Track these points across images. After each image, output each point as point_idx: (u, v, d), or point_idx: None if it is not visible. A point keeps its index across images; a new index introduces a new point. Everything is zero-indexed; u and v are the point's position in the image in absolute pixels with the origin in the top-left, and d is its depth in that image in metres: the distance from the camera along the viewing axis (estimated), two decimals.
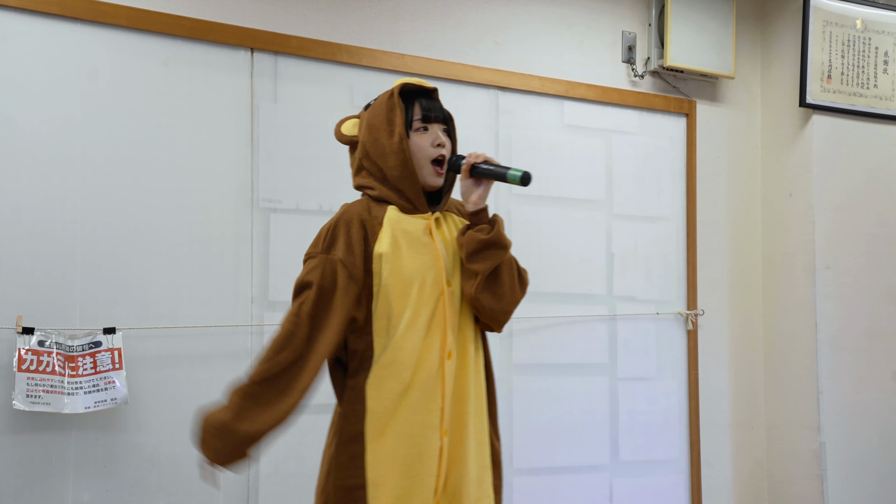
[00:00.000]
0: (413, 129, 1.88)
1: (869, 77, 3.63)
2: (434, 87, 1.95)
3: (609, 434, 3.36)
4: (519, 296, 1.91)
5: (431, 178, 1.89)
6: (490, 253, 1.83)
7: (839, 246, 3.56)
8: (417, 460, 1.78)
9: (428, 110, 1.89)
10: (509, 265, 1.89)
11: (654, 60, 3.48)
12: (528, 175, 1.81)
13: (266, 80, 2.86)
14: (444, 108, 1.93)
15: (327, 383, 2.94)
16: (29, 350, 2.43)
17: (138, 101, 2.68)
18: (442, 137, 1.89)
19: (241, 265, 2.78)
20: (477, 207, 1.86)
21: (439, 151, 1.88)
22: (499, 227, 1.85)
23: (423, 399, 1.80)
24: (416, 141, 1.87)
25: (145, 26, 2.68)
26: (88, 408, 2.46)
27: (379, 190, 1.89)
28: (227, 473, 2.71)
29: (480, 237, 1.82)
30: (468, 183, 1.86)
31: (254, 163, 2.83)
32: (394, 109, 1.87)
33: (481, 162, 1.84)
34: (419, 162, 1.87)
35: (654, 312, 3.48)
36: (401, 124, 1.85)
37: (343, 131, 1.94)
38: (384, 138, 1.86)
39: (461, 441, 1.84)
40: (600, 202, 3.41)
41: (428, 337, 1.81)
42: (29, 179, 2.53)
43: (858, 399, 3.54)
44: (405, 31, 3.10)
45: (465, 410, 1.85)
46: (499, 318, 1.89)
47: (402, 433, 1.79)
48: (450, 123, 1.94)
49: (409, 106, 1.89)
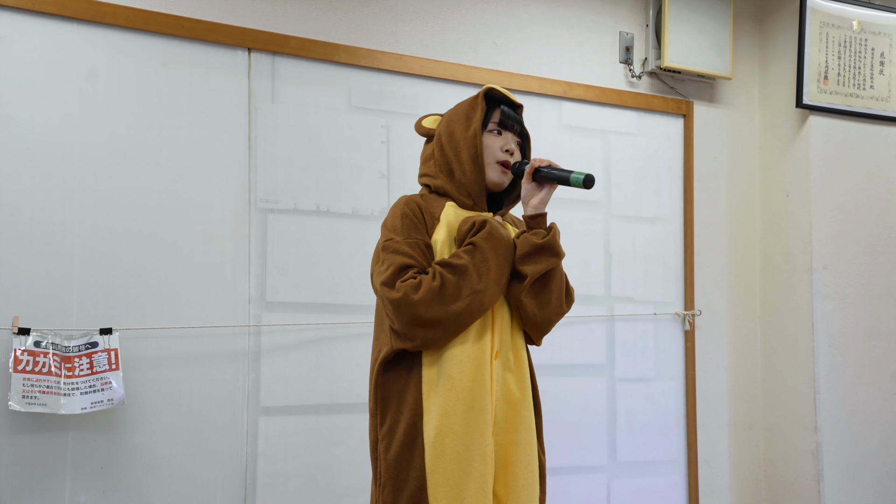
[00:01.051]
0: (488, 129, 1.92)
1: (865, 78, 3.64)
2: (521, 103, 1.99)
3: (607, 434, 3.36)
4: (564, 309, 1.92)
5: (496, 175, 1.91)
6: (541, 258, 1.84)
7: (837, 246, 3.56)
8: (468, 463, 1.77)
9: (506, 118, 1.94)
10: (559, 276, 1.90)
11: (652, 61, 3.48)
12: (591, 178, 1.81)
13: (264, 80, 2.85)
14: (524, 123, 1.98)
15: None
16: (25, 351, 2.42)
17: (136, 102, 2.67)
18: (513, 146, 1.93)
19: (238, 265, 2.78)
20: (536, 211, 1.87)
21: (507, 157, 1.92)
22: (554, 234, 1.86)
23: (472, 399, 1.78)
24: (488, 140, 1.91)
25: (144, 26, 2.67)
26: (85, 409, 2.45)
27: (442, 181, 1.91)
28: (224, 480, 2.70)
29: (535, 240, 1.84)
30: (530, 186, 1.88)
31: (251, 163, 2.82)
32: (475, 108, 1.92)
33: (545, 166, 1.86)
34: (486, 160, 1.90)
35: (653, 313, 3.48)
36: (478, 122, 1.90)
37: (424, 124, 2.00)
38: (460, 131, 1.90)
39: (512, 447, 1.84)
40: (599, 203, 3.41)
41: (476, 336, 1.82)
42: (26, 179, 2.52)
43: (856, 400, 3.54)
44: (404, 32, 3.10)
45: (518, 415, 1.85)
46: (540, 326, 1.90)
47: (456, 433, 1.77)
48: (526, 141, 1.99)
49: (490, 109, 1.93)
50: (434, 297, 1.74)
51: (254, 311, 2.79)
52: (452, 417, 1.77)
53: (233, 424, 2.73)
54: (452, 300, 1.75)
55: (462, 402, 1.78)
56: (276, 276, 2.82)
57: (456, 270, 1.76)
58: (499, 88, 1.96)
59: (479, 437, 1.78)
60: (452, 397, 1.77)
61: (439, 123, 1.98)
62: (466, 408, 1.78)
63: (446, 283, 1.75)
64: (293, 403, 2.82)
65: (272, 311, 2.81)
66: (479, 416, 1.78)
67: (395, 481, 1.78)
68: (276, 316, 2.82)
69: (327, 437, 2.85)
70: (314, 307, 2.86)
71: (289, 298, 2.83)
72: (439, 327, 1.76)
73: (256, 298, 2.79)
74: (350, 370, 2.88)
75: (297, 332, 2.84)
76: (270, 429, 2.78)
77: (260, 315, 2.79)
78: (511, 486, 1.82)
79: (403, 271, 1.78)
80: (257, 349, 2.78)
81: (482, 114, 1.91)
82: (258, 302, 2.80)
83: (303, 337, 2.85)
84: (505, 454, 1.83)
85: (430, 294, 1.74)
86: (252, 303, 2.79)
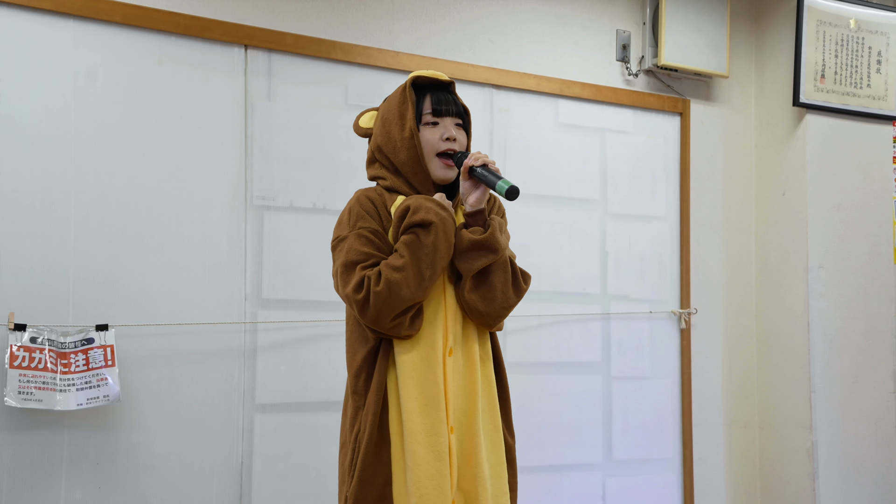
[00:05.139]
0: (423, 122, 1.88)
1: (862, 77, 3.64)
2: (449, 79, 1.93)
3: (602, 433, 3.37)
4: (512, 301, 1.88)
5: (440, 170, 1.88)
6: (478, 254, 1.81)
7: (833, 245, 3.57)
8: (424, 461, 1.77)
9: (439, 104, 1.88)
10: (502, 268, 1.85)
11: (649, 59, 3.48)
12: (514, 189, 1.76)
13: (260, 77, 2.85)
14: (458, 101, 1.92)
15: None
16: (21, 346, 2.42)
17: (132, 99, 2.67)
18: (452, 131, 1.88)
19: (234, 263, 2.78)
20: (474, 209, 1.84)
21: (448, 145, 1.87)
22: (492, 231, 1.82)
23: (426, 398, 1.79)
24: (426, 135, 1.87)
25: (140, 23, 2.67)
26: (81, 405, 2.45)
27: (391, 181, 1.90)
28: (220, 477, 2.71)
29: (471, 237, 1.81)
30: (467, 184, 1.85)
31: (248, 160, 2.82)
32: (405, 103, 1.87)
33: (479, 165, 1.82)
34: (427, 156, 1.87)
35: (648, 311, 3.48)
36: (412, 118, 1.85)
37: (360, 124, 1.97)
38: (396, 132, 1.87)
39: (472, 439, 1.83)
40: (595, 201, 3.41)
41: (429, 335, 1.81)
42: (22, 175, 2.52)
43: (851, 398, 3.55)
44: (401, 29, 3.10)
45: (474, 408, 1.83)
46: (488, 321, 1.87)
47: (412, 431, 1.77)
48: (465, 117, 1.93)
49: (421, 99, 1.88)
50: (384, 303, 1.75)
51: (249, 309, 2.79)
52: (408, 415, 1.77)
53: (228, 421, 2.74)
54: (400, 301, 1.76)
55: (416, 400, 1.78)
56: (271, 274, 2.82)
57: (398, 270, 1.76)
58: (424, 73, 1.90)
59: (434, 435, 1.77)
60: (408, 396, 1.78)
61: (374, 122, 1.94)
62: (421, 406, 1.78)
63: (391, 286, 1.75)
64: (289, 401, 2.82)
65: (268, 309, 2.81)
66: (434, 413, 1.78)
67: (362, 474, 1.79)
68: (271, 313, 2.82)
69: (323, 435, 2.85)
70: (310, 304, 2.87)
71: (285, 296, 2.84)
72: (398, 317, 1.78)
73: (252, 296, 2.80)
74: (345, 368, 2.88)
75: (292, 329, 2.84)
76: (266, 426, 2.79)
77: (256, 312, 2.80)
78: (478, 478, 1.81)
79: (349, 271, 1.79)
80: (253, 346, 2.79)
81: (413, 107, 1.86)
82: (254, 299, 2.80)
83: (299, 334, 2.85)
84: (467, 449, 1.82)
85: (379, 300, 1.75)
86: (248, 300, 2.79)
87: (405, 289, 1.74)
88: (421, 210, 1.78)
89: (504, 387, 1.94)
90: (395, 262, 1.76)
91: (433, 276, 1.78)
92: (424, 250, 1.76)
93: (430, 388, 1.79)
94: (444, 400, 1.80)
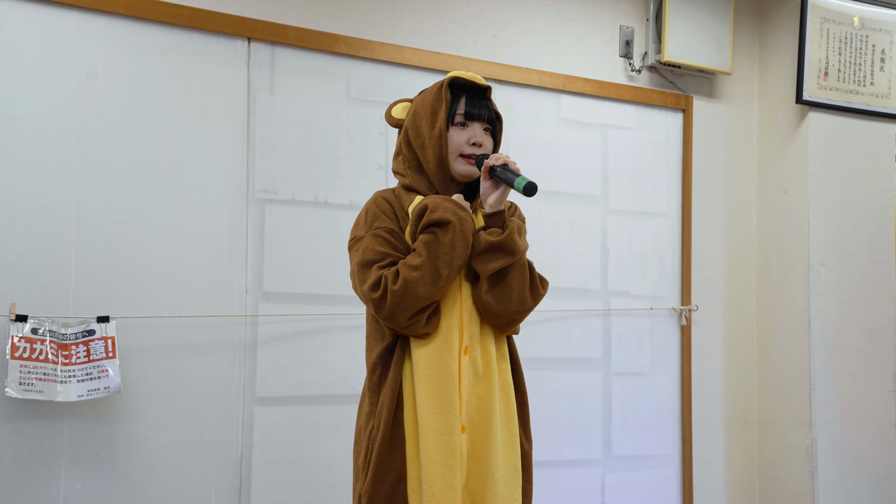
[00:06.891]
0: (454, 122, 1.88)
1: (866, 74, 3.64)
2: (487, 84, 1.93)
3: (602, 429, 3.37)
4: (528, 304, 1.88)
5: (463, 167, 1.88)
6: (495, 256, 1.81)
7: (834, 243, 3.56)
8: (437, 458, 1.77)
9: (472, 107, 1.89)
10: (520, 271, 1.85)
11: (652, 55, 3.48)
12: (532, 186, 1.77)
13: (263, 70, 2.85)
14: (492, 107, 1.92)
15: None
16: (22, 338, 2.42)
17: (134, 91, 2.67)
18: (480, 137, 1.89)
19: (236, 256, 2.78)
20: (493, 209, 1.85)
21: (473, 150, 1.88)
22: (510, 232, 1.82)
23: (440, 396, 1.79)
24: (453, 136, 1.88)
25: (142, 15, 2.67)
26: (81, 396, 2.46)
27: (411, 178, 1.91)
28: (220, 470, 2.71)
29: (488, 238, 1.81)
30: (487, 184, 1.85)
31: (250, 153, 2.82)
32: (440, 101, 1.87)
33: (500, 165, 1.82)
34: (451, 156, 1.87)
35: (649, 308, 3.48)
36: (443, 117, 1.86)
37: (393, 114, 1.97)
38: (425, 128, 1.88)
39: (486, 440, 1.82)
40: (596, 197, 3.41)
41: (445, 333, 1.81)
42: (24, 167, 2.52)
43: (851, 396, 3.55)
44: (403, 24, 3.09)
45: (490, 409, 1.83)
46: (503, 323, 1.88)
47: (426, 429, 1.77)
48: (495, 125, 1.94)
49: (456, 99, 1.89)
50: (400, 301, 1.75)
51: (250, 302, 2.79)
52: (423, 413, 1.77)
53: (228, 414, 2.74)
54: (417, 299, 1.76)
55: (430, 398, 1.78)
56: (273, 267, 2.82)
57: (415, 269, 1.76)
58: (463, 75, 1.90)
59: (447, 433, 1.77)
60: (422, 393, 1.78)
61: (407, 113, 1.95)
62: (434, 404, 1.78)
63: (408, 285, 1.75)
64: (289, 394, 2.83)
65: (269, 302, 2.81)
66: (448, 412, 1.78)
67: (375, 471, 1.79)
68: (272, 306, 2.82)
69: (323, 428, 2.86)
70: (311, 298, 2.87)
71: (285, 289, 2.84)
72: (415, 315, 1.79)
73: (253, 288, 2.80)
74: (346, 361, 2.89)
75: (293, 322, 2.84)
76: (266, 419, 2.79)
77: (257, 305, 2.80)
78: (487, 480, 1.80)
79: (366, 270, 1.80)
80: (254, 339, 2.79)
81: (447, 107, 1.87)
82: (255, 292, 2.80)
83: (299, 327, 2.85)
84: (478, 449, 1.82)
85: (395, 299, 1.75)
86: (249, 293, 2.79)
87: (422, 287, 1.75)
88: (439, 209, 1.79)
89: (522, 390, 1.94)
90: (412, 261, 1.77)
91: (451, 275, 1.78)
92: (442, 249, 1.77)
93: (445, 385, 1.79)
94: (458, 398, 1.80)
